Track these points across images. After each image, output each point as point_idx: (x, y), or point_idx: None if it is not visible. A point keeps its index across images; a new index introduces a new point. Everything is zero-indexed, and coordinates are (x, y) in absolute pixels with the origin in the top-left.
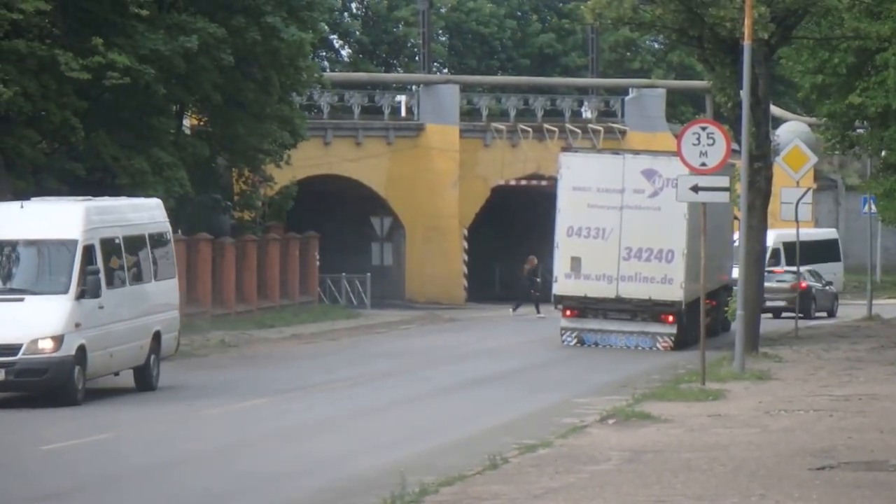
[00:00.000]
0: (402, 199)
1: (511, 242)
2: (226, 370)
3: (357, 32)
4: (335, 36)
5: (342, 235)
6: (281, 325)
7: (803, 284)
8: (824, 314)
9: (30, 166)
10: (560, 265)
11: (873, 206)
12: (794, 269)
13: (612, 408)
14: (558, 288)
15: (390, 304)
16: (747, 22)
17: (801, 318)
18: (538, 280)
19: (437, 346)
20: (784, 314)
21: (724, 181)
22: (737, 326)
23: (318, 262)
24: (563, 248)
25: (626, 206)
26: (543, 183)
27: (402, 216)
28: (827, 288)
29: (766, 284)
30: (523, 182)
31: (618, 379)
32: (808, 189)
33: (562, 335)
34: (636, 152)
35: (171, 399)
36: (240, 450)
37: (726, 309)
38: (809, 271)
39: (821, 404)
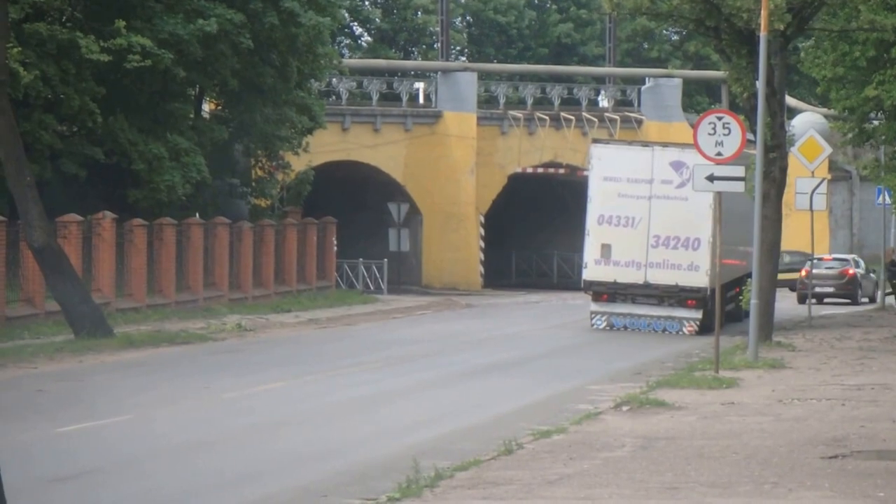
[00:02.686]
0: (420, 186)
1: (527, 230)
2: (242, 354)
3: (377, 20)
4: (355, 23)
5: (359, 221)
6: (298, 309)
7: (851, 272)
8: (865, 300)
9: (48, 150)
10: (591, 252)
11: (888, 197)
12: (843, 256)
13: (626, 395)
14: (588, 273)
15: (407, 289)
16: (763, 13)
17: (848, 303)
18: None
19: (454, 331)
20: (827, 300)
21: (739, 171)
22: (751, 315)
23: (335, 248)
24: (594, 236)
25: (654, 196)
26: (560, 171)
27: (419, 202)
28: (871, 275)
29: (815, 271)
30: (540, 170)
31: (632, 366)
32: (823, 179)
33: (591, 318)
34: (664, 144)
35: (189, 382)
36: (255, 433)
37: (740, 298)
38: (854, 259)
39: (833, 393)
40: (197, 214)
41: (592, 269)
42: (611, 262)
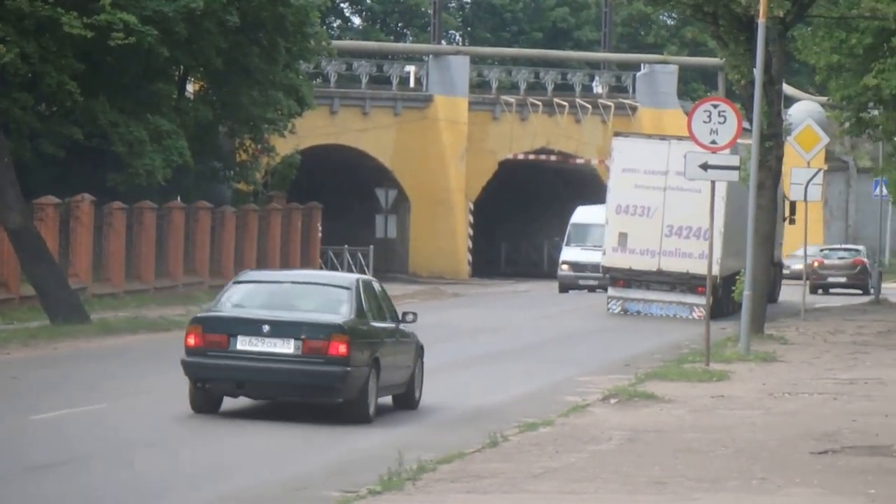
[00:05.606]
0: (408, 172)
1: (517, 218)
2: None
3: (368, 1)
4: (346, 3)
5: (346, 207)
6: None
7: (862, 261)
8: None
9: (27, 130)
10: (608, 240)
11: (885, 189)
12: (854, 246)
13: (614, 387)
14: (606, 260)
15: (393, 277)
16: None
17: (860, 294)
18: None
19: (441, 321)
20: (839, 290)
21: (734, 159)
22: (743, 307)
23: (320, 234)
24: (612, 224)
25: (669, 188)
26: (552, 158)
27: (407, 189)
28: (876, 265)
29: (827, 261)
30: (532, 156)
31: (622, 357)
32: (819, 170)
33: (608, 303)
34: (680, 138)
35: (167, 369)
36: (233, 423)
37: (733, 289)
38: (865, 249)
39: (826, 387)
40: (178, 198)
41: (610, 257)
42: (627, 250)
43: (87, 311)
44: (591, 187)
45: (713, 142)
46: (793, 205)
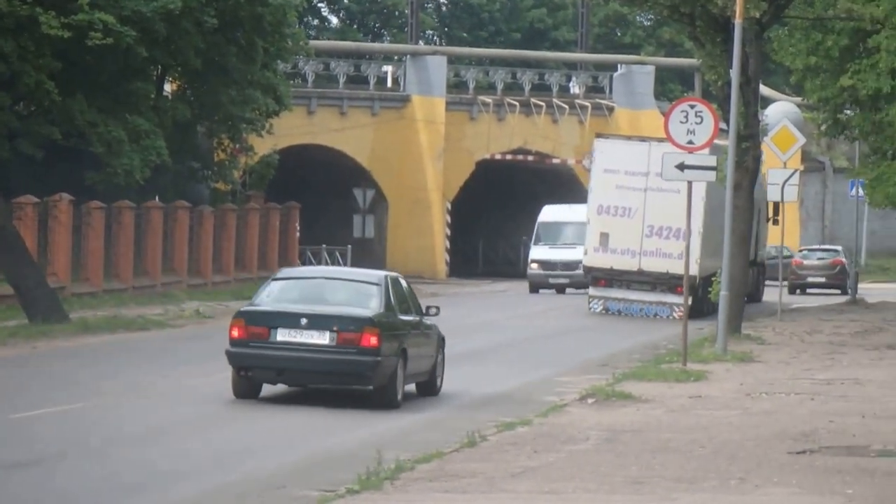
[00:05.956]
0: (386, 171)
1: (495, 217)
2: (201, 341)
3: (346, 1)
4: (323, 3)
5: (324, 206)
6: None
7: (841, 261)
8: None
9: (5, 129)
10: (590, 240)
11: (861, 190)
12: (832, 247)
13: (592, 387)
14: (587, 260)
15: None
16: (739, 0)
17: (838, 293)
18: None
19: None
20: (818, 291)
21: (711, 160)
22: (720, 307)
23: (298, 233)
24: (594, 224)
25: (649, 189)
26: (529, 158)
27: (385, 188)
28: (853, 265)
29: (806, 262)
30: (509, 157)
31: (599, 357)
32: (796, 170)
33: (589, 302)
34: (661, 139)
35: (146, 369)
36: (215, 421)
37: (710, 290)
38: (843, 249)
39: (803, 387)
40: (157, 197)
41: (591, 256)
42: (608, 250)
43: (65, 311)
44: (567, 187)
45: (690, 142)
46: (777, 205)
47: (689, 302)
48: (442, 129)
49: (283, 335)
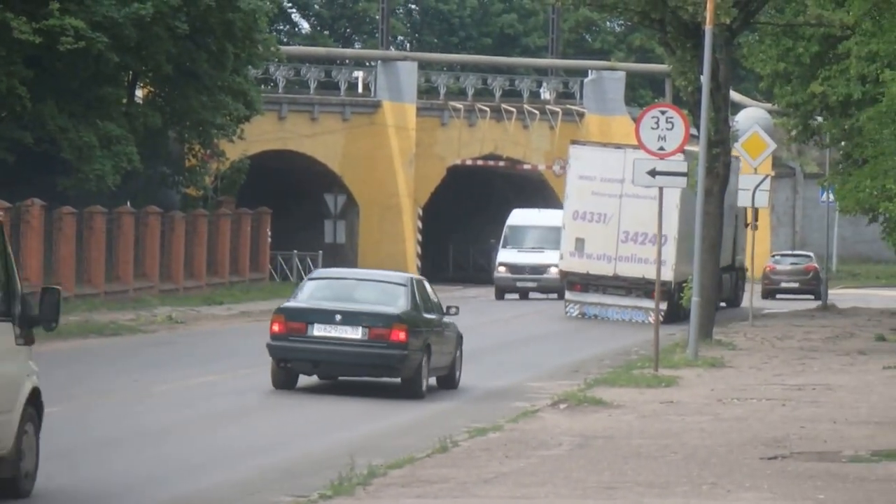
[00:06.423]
0: (357, 177)
1: (466, 223)
2: (173, 346)
3: (316, 6)
4: (294, 9)
5: (295, 212)
6: (230, 302)
7: (814, 266)
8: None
9: None
10: (566, 245)
11: (831, 195)
12: (805, 252)
13: (563, 392)
14: (563, 265)
15: None
16: (709, 6)
17: (811, 298)
18: None
19: None
20: (791, 296)
21: (682, 166)
22: (691, 313)
23: (269, 239)
24: (569, 230)
25: (625, 195)
26: (500, 164)
27: (356, 194)
28: (824, 271)
29: (780, 267)
30: (480, 162)
31: (571, 363)
32: (766, 176)
33: (565, 307)
34: (636, 146)
35: (117, 374)
36: (187, 428)
37: (681, 295)
38: (815, 255)
39: (774, 393)
40: (128, 203)
41: (568, 261)
42: (584, 255)
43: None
44: (539, 193)
45: (661, 148)
46: (756, 211)
47: (665, 307)
48: (413, 134)
49: (319, 330)
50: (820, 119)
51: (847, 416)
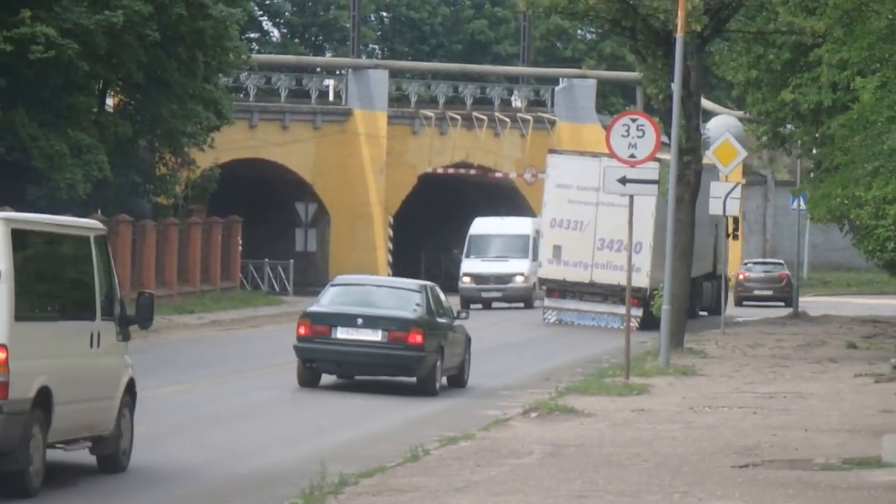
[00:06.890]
0: (328, 185)
1: (437, 231)
2: (143, 355)
3: (287, 14)
4: (264, 17)
5: (266, 220)
6: (201, 310)
7: (787, 274)
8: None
9: None
10: (544, 252)
11: (802, 203)
12: (777, 260)
13: (534, 401)
14: (542, 272)
15: (314, 290)
16: (680, 14)
17: (783, 306)
18: None
19: None
20: (759, 303)
21: (652, 173)
22: (662, 321)
23: (240, 248)
24: (547, 238)
25: (601, 203)
26: (472, 172)
27: (327, 202)
28: (795, 278)
29: (752, 275)
30: (451, 170)
31: (542, 371)
32: (737, 184)
33: (543, 313)
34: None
35: None
36: (157, 436)
37: (652, 303)
38: (787, 263)
39: (745, 401)
40: (99, 212)
41: (546, 268)
42: (561, 262)
43: None
44: (510, 200)
45: (632, 156)
46: (736, 220)
47: (640, 313)
48: (384, 142)
49: (342, 333)
50: (791, 127)
51: (818, 423)
